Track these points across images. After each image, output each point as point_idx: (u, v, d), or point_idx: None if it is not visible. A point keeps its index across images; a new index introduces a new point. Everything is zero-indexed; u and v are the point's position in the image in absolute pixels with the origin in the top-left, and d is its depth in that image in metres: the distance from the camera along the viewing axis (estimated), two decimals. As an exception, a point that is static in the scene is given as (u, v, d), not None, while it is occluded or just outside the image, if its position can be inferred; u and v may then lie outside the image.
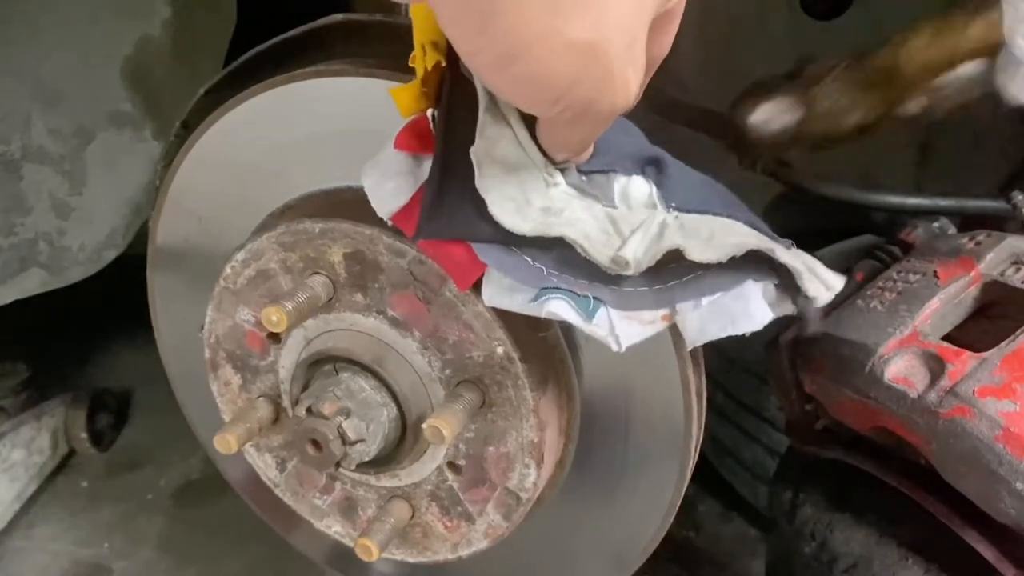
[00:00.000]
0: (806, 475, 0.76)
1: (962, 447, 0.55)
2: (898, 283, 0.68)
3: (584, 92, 0.39)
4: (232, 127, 0.68)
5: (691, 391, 0.60)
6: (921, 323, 0.62)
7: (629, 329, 0.49)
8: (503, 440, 0.61)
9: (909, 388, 0.59)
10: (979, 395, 0.55)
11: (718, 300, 0.48)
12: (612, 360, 0.60)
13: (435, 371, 0.60)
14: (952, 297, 0.64)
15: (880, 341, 0.62)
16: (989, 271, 0.65)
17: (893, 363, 0.61)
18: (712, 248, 0.48)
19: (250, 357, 0.69)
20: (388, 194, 0.54)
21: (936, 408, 0.57)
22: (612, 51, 0.38)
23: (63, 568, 1.32)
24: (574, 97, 0.40)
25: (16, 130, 1.09)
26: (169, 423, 1.48)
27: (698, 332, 0.50)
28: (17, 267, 1.18)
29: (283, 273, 0.64)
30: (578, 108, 0.41)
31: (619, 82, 0.40)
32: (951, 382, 0.57)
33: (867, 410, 0.63)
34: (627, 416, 0.63)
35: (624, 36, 0.38)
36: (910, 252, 0.75)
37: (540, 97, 0.41)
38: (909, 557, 0.64)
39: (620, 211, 0.50)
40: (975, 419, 0.54)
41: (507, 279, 0.51)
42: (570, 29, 0.36)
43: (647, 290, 0.49)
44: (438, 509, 0.66)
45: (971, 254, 0.67)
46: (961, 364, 0.58)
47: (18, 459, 1.36)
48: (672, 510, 0.65)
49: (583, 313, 0.49)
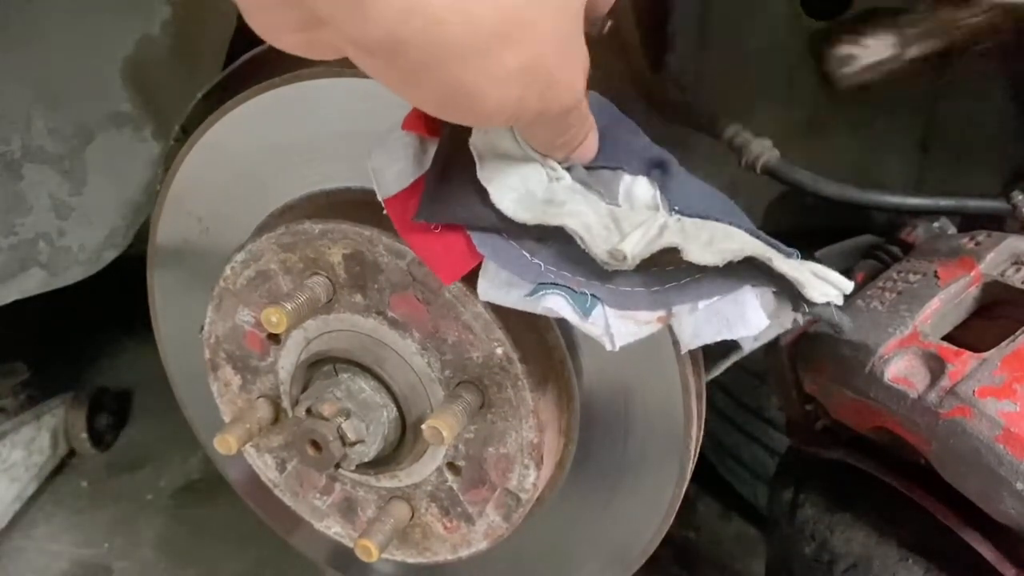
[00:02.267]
0: (806, 475, 0.76)
1: (962, 448, 0.55)
2: (898, 283, 0.68)
3: (531, 105, 0.41)
4: (233, 127, 0.68)
5: (691, 393, 0.60)
6: (921, 323, 0.63)
7: (624, 328, 0.49)
8: (503, 441, 0.61)
9: (909, 388, 0.59)
10: (979, 395, 0.55)
11: (714, 304, 0.48)
12: (612, 362, 0.60)
13: (435, 372, 0.60)
14: (952, 297, 0.64)
15: (880, 341, 0.62)
16: (989, 271, 0.65)
17: (893, 363, 0.61)
18: (711, 252, 0.48)
19: (250, 358, 0.69)
20: (392, 178, 0.54)
21: (936, 408, 0.57)
22: (549, 63, 0.39)
23: (63, 568, 1.32)
24: (523, 112, 0.41)
25: (16, 130, 1.09)
26: (169, 423, 1.49)
27: (693, 335, 0.49)
28: (17, 267, 1.18)
29: (283, 274, 0.64)
30: (530, 118, 0.42)
31: (563, 86, 0.41)
32: (951, 382, 0.57)
33: (867, 410, 0.63)
34: (627, 417, 0.63)
35: (558, 43, 0.39)
36: (910, 252, 0.75)
37: (491, 120, 0.43)
38: (909, 557, 0.64)
39: (623, 209, 0.50)
40: (975, 419, 0.55)
41: (503, 273, 0.51)
42: (504, 62, 0.37)
43: (644, 291, 0.49)
44: (438, 510, 0.66)
45: (971, 254, 0.67)
46: (961, 364, 0.58)
47: (18, 459, 1.36)
48: (672, 511, 0.65)
49: (580, 310, 0.49)
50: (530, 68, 0.38)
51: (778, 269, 0.47)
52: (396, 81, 0.38)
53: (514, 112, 0.41)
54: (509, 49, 0.37)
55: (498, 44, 0.36)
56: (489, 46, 0.36)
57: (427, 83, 0.37)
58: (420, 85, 0.38)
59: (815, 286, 0.47)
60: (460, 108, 0.40)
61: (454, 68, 0.36)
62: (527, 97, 0.40)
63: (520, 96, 0.39)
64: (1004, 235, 0.68)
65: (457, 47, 0.35)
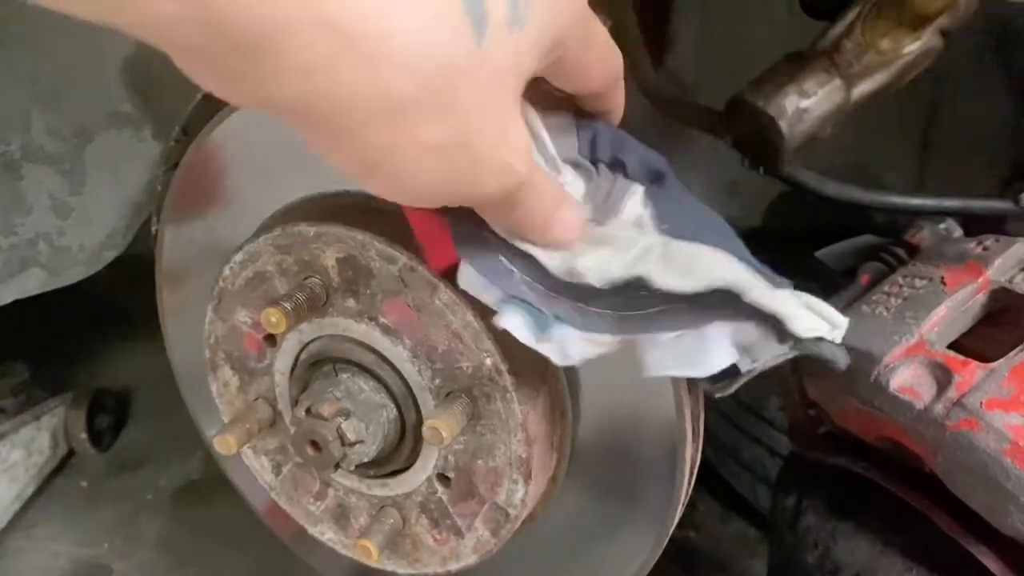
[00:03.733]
0: (809, 481, 0.75)
1: (969, 460, 0.54)
2: (904, 288, 0.67)
3: (462, 186, 0.39)
4: (234, 127, 0.68)
5: (685, 414, 0.58)
6: (928, 331, 0.61)
7: (580, 348, 0.47)
8: (492, 454, 0.60)
9: (915, 399, 0.58)
10: (987, 407, 0.54)
11: (681, 337, 0.46)
12: (610, 377, 0.60)
13: (425, 380, 0.60)
14: (959, 304, 0.63)
15: (886, 349, 0.61)
16: (997, 277, 0.64)
17: (899, 372, 0.60)
18: (687, 280, 0.45)
19: (247, 359, 0.69)
20: None
21: (943, 420, 0.56)
22: (475, 146, 0.37)
23: (63, 568, 1.32)
24: (454, 191, 0.39)
25: (16, 130, 1.09)
26: (169, 423, 1.49)
27: (657, 365, 0.47)
28: (17, 267, 1.18)
29: (279, 275, 0.63)
30: (463, 199, 0.40)
31: (497, 170, 0.39)
32: (958, 393, 0.56)
33: (872, 419, 0.62)
34: (624, 434, 0.62)
35: (485, 120, 0.37)
36: (916, 254, 0.74)
37: (421, 199, 0.40)
38: (914, 568, 0.63)
39: (603, 229, 0.48)
40: (982, 432, 0.53)
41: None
42: (421, 136, 0.35)
43: (611, 314, 0.47)
44: (428, 521, 0.65)
45: (979, 259, 0.66)
46: (968, 375, 0.56)
47: (18, 459, 1.36)
48: (670, 525, 0.64)
49: (537, 329, 0.47)
50: (452, 145, 0.36)
51: (754, 302, 0.44)
52: (313, 143, 0.37)
53: (444, 191, 0.39)
54: (426, 122, 0.35)
55: (414, 115, 0.34)
56: (404, 117, 0.34)
57: (341, 148, 0.36)
58: (336, 149, 0.36)
59: (802, 320, 0.44)
60: (383, 181, 0.38)
61: (369, 135, 0.35)
62: (454, 173, 0.38)
63: (445, 172, 0.37)
64: (1012, 240, 0.66)
65: (368, 114, 0.34)
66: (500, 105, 0.37)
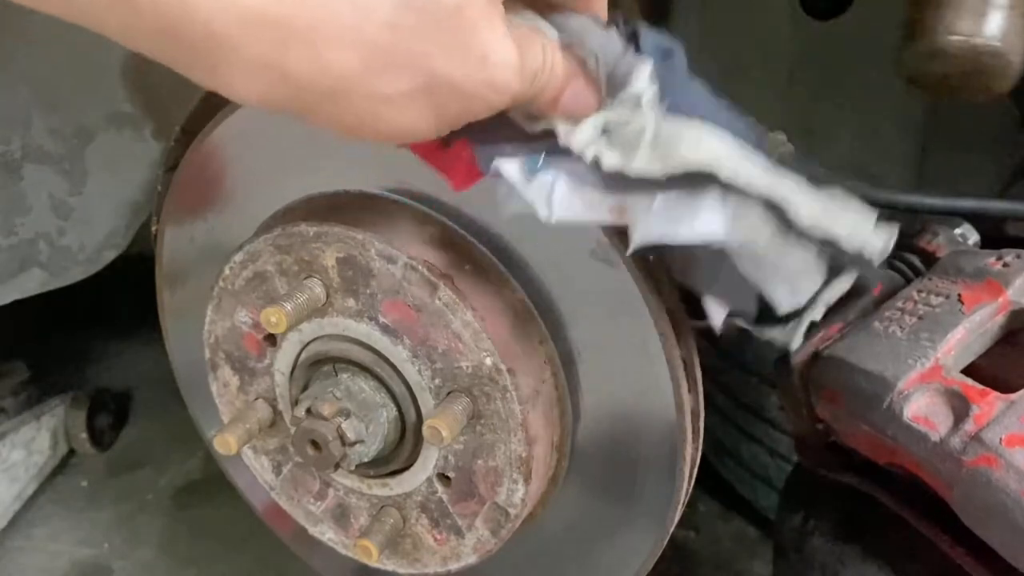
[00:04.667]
0: (816, 499, 0.71)
1: (987, 498, 0.51)
2: (919, 306, 0.62)
3: (458, 114, 0.41)
4: (234, 128, 0.68)
5: (685, 413, 0.58)
6: (944, 355, 0.57)
7: (568, 202, 0.46)
8: (491, 454, 0.60)
9: (931, 430, 0.54)
10: (1007, 444, 0.50)
11: (671, 200, 0.45)
12: (610, 377, 0.60)
13: (425, 380, 0.60)
14: (978, 327, 0.59)
15: (900, 374, 0.56)
16: (1018, 299, 0.60)
17: (914, 400, 0.56)
18: (662, 162, 0.44)
19: (247, 359, 0.69)
20: None
21: (959, 455, 0.52)
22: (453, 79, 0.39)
23: (63, 568, 1.32)
24: (452, 121, 0.41)
25: (16, 130, 1.09)
26: (169, 423, 1.49)
27: (643, 235, 0.46)
28: (17, 267, 1.18)
29: (279, 275, 0.63)
30: (464, 122, 0.42)
31: (484, 92, 0.40)
32: (976, 427, 0.52)
33: (883, 447, 0.58)
34: (624, 434, 0.62)
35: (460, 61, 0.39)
36: (931, 263, 0.69)
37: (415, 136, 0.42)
38: (925, 602, 0.59)
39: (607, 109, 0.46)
40: (1002, 471, 0.50)
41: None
42: (389, 91, 0.38)
43: (602, 173, 0.46)
44: (428, 521, 0.65)
45: (999, 277, 0.61)
46: (987, 406, 0.53)
47: (18, 459, 1.36)
48: (670, 525, 0.64)
49: (527, 170, 0.46)
50: (427, 86, 0.38)
51: (739, 184, 0.43)
52: (307, 121, 0.40)
53: (440, 124, 0.41)
54: (389, 79, 0.37)
55: (372, 80, 0.37)
56: (364, 85, 0.37)
57: (322, 122, 0.39)
58: (318, 123, 0.39)
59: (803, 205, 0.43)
60: (375, 135, 0.41)
61: (340, 109, 0.38)
62: (443, 106, 0.40)
63: (435, 108, 0.40)
64: (1035, 257, 0.62)
65: (325, 95, 0.37)
66: (464, 36, 0.38)
